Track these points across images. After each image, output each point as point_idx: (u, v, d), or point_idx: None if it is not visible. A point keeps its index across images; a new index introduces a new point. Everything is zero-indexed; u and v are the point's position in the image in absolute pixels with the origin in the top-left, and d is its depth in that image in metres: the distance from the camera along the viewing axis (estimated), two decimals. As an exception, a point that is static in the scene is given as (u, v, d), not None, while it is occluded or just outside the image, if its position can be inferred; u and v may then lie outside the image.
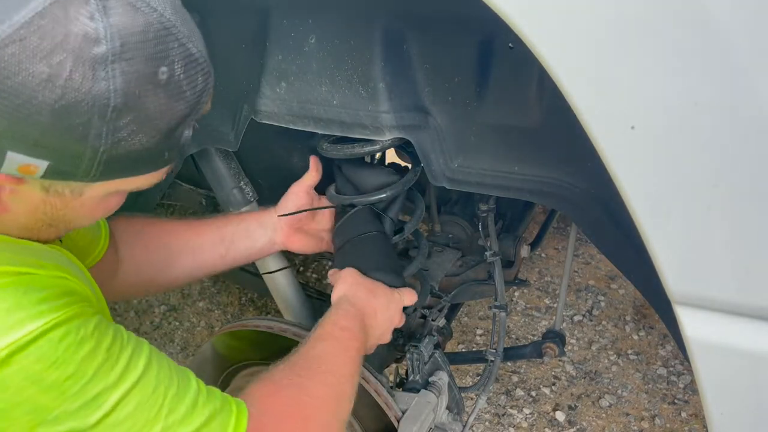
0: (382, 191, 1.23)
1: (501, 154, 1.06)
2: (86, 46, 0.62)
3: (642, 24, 0.69)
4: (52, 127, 0.63)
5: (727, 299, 0.78)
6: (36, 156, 0.65)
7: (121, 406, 0.69)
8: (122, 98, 0.65)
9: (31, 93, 0.61)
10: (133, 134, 0.68)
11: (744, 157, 0.71)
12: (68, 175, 0.69)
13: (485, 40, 0.99)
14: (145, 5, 0.66)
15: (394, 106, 1.05)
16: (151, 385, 0.72)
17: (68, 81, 0.62)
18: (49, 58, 0.61)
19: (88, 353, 0.68)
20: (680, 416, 2.06)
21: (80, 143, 0.65)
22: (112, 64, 0.64)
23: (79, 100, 0.63)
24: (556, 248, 2.72)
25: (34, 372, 0.64)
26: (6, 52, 0.60)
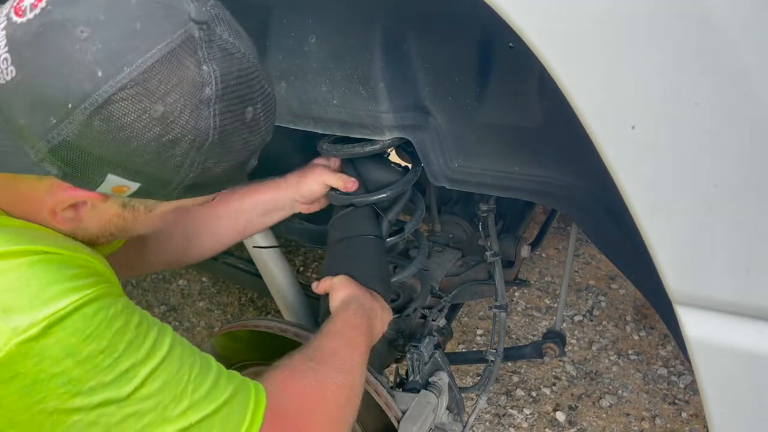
0: (383, 191, 1.23)
1: (501, 153, 1.06)
2: (196, 89, 0.70)
3: (642, 24, 0.69)
4: (154, 157, 0.71)
5: (728, 299, 0.78)
6: (132, 179, 0.73)
7: (150, 381, 0.72)
8: (218, 135, 0.73)
9: (144, 128, 0.69)
10: (216, 164, 0.76)
11: (744, 157, 0.71)
12: (152, 195, 0.77)
13: (485, 39, 0.99)
14: (239, 52, 0.74)
15: (394, 105, 1.05)
16: (176, 363, 0.75)
17: (178, 119, 0.70)
18: (164, 99, 0.69)
19: (119, 329, 0.72)
20: (681, 416, 2.06)
21: (174, 171, 0.74)
22: (214, 105, 0.72)
23: (183, 135, 0.71)
24: (557, 248, 2.72)
25: (70, 344, 0.68)
26: (129, 92, 0.67)
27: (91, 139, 0.68)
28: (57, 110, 0.67)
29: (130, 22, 0.68)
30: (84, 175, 0.71)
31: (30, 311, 0.66)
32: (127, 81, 0.67)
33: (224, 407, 0.77)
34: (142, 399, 0.72)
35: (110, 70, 0.66)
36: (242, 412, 0.78)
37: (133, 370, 0.71)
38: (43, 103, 0.67)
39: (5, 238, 0.71)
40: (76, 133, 0.68)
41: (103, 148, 0.69)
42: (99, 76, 0.66)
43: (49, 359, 0.67)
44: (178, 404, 0.74)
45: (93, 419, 0.69)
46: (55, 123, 0.67)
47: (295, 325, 1.25)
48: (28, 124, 0.68)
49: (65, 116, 0.67)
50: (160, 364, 0.74)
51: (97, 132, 0.68)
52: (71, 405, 0.68)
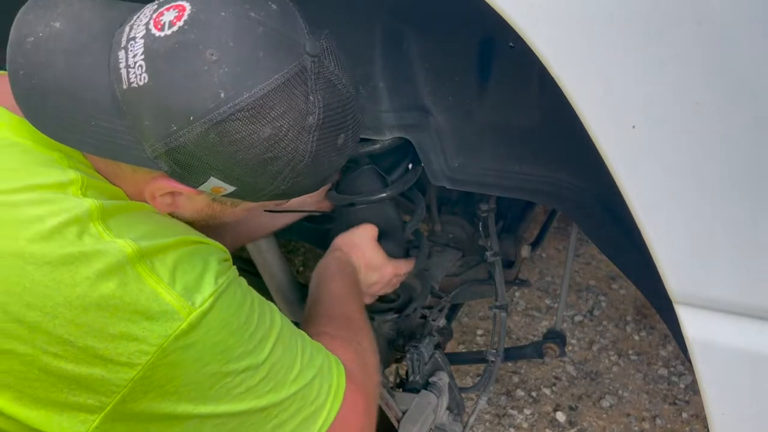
0: (383, 191, 1.23)
1: (501, 153, 1.06)
2: (301, 117, 0.78)
3: (643, 23, 0.69)
4: (254, 170, 0.79)
5: (729, 299, 0.78)
6: (230, 183, 0.81)
7: (276, 349, 0.83)
8: (312, 158, 0.81)
9: (251, 145, 0.77)
10: (304, 179, 0.84)
11: (745, 157, 0.70)
12: (242, 198, 0.86)
13: (486, 39, 0.99)
14: (341, 83, 0.82)
15: (394, 105, 1.05)
16: (288, 334, 0.87)
17: (281, 141, 0.78)
18: (273, 123, 0.76)
19: (250, 305, 0.83)
20: (681, 417, 2.06)
21: (268, 183, 0.82)
22: (314, 132, 0.80)
23: (283, 155, 0.79)
24: (557, 248, 2.72)
25: (225, 317, 0.78)
26: (244, 114, 0.75)
27: (204, 148, 0.76)
28: (179, 119, 0.74)
29: (255, 51, 0.75)
30: (190, 175, 0.79)
31: (201, 289, 0.77)
32: (245, 105, 0.74)
33: (320, 373, 0.87)
34: (272, 365, 0.82)
35: (231, 93, 0.74)
36: (330, 378, 0.88)
37: (264, 340, 0.82)
38: (168, 111, 0.74)
39: (169, 228, 0.82)
40: (192, 141, 0.75)
41: (213, 156, 0.77)
42: (221, 97, 0.74)
43: (213, 330, 0.77)
44: (293, 369, 0.84)
45: (239, 382, 0.79)
46: (175, 130, 0.75)
47: (295, 325, 1.25)
48: (151, 126, 0.75)
49: (185, 125, 0.74)
50: (279, 334, 0.84)
51: (211, 143, 0.76)
52: (226, 369, 0.78)
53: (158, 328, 0.73)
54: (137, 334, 0.72)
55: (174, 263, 0.77)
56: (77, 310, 0.71)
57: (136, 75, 0.75)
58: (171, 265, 0.76)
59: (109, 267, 0.72)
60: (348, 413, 0.89)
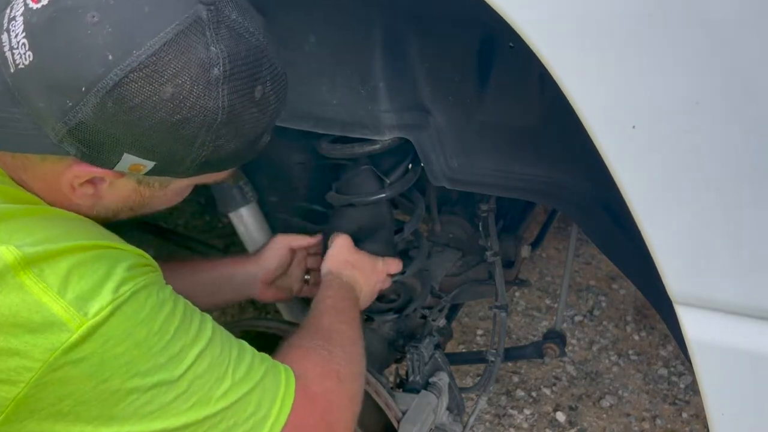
0: (382, 191, 1.23)
1: (501, 153, 1.06)
2: (203, 70, 0.72)
3: (643, 23, 0.69)
4: (166, 137, 0.74)
5: (728, 299, 0.78)
6: (146, 158, 0.76)
7: (198, 363, 0.76)
8: (227, 114, 0.75)
9: (154, 108, 0.71)
10: (227, 142, 0.78)
11: (745, 157, 0.70)
12: (167, 173, 0.80)
13: (486, 39, 0.99)
14: (247, 32, 0.76)
15: (394, 105, 1.05)
16: (218, 346, 0.80)
17: (186, 100, 0.72)
18: (173, 81, 0.71)
19: (168, 314, 0.76)
20: (681, 417, 2.05)
21: (186, 150, 0.76)
22: (222, 85, 0.74)
23: (193, 115, 0.73)
24: (557, 248, 2.72)
25: (129, 326, 0.72)
26: (138, 74, 0.69)
27: (105, 120, 0.71)
28: (72, 93, 0.70)
29: (139, 6, 0.70)
30: (101, 154, 0.74)
31: (98, 298, 0.70)
32: (137, 64, 0.69)
33: (259, 386, 0.81)
34: (191, 380, 0.75)
35: (120, 54, 0.69)
36: (275, 389, 0.82)
37: (183, 353, 0.75)
38: (58, 87, 0.70)
39: (71, 233, 0.75)
40: (91, 114, 0.70)
41: (118, 128, 0.72)
42: (110, 59, 0.69)
43: (113, 340, 0.70)
44: (221, 384, 0.78)
45: (149, 398, 0.73)
46: (71, 105, 0.70)
47: (294, 325, 1.25)
48: (46, 107, 0.71)
49: (80, 99, 0.70)
50: (206, 347, 0.78)
51: (111, 113, 0.71)
52: (130, 384, 0.72)
53: (42, 341, 0.67)
54: (18, 349, 0.66)
55: (68, 270, 0.70)
56: None
57: (20, 55, 0.70)
58: (64, 272, 0.69)
59: None
60: (299, 421, 0.83)
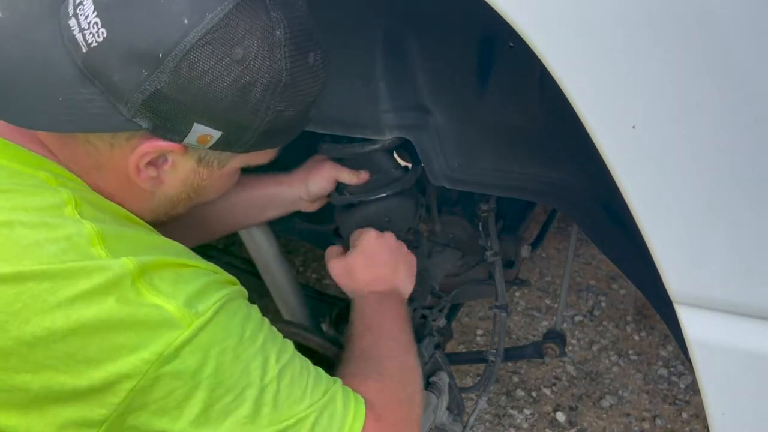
0: (383, 190, 1.23)
1: (502, 153, 1.06)
2: (268, 33, 0.77)
3: (643, 23, 0.69)
4: (235, 101, 0.77)
5: (728, 299, 0.78)
6: (215, 126, 0.79)
7: (282, 377, 0.80)
8: (290, 77, 0.79)
9: (225, 71, 0.75)
10: (286, 109, 0.82)
11: (745, 157, 0.70)
12: (229, 145, 0.83)
13: (486, 39, 0.99)
14: (297, 4, 0.81)
15: (394, 105, 1.05)
16: (298, 364, 0.83)
17: (255, 61, 0.76)
18: (242, 42, 0.75)
19: (256, 326, 0.81)
20: (681, 417, 2.05)
21: (251, 116, 0.79)
22: (284, 48, 0.78)
23: (260, 77, 0.77)
24: (557, 248, 2.72)
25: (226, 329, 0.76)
26: (212, 36, 0.74)
27: (179, 86, 0.75)
28: (149, 61, 0.73)
29: None
30: (173, 125, 0.77)
31: (204, 300, 0.76)
32: (211, 26, 0.73)
33: (330, 407, 0.83)
34: (275, 393, 0.79)
35: (195, 18, 0.73)
36: (344, 412, 0.84)
37: (268, 363, 0.79)
38: (135, 57, 0.73)
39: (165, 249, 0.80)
40: (167, 81, 0.74)
41: (191, 94, 0.75)
42: (185, 23, 0.73)
43: (215, 341, 0.75)
44: (301, 402, 0.80)
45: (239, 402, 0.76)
46: (147, 75, 0.73)
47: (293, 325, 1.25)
48: (122, 80, 0.74)
49: (156, 66, 0.73)
50: (287, 364, 0.81)
51: (185, 78, 0.74)
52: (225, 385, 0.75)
53: (159, 337, 0.72)
54: (137, 344, 0.71)
55: (174, 278, 0.76)
56: (76, 323, 0.70)
57: (92, 34, 0.74)
58: (171, 280, 0.75)
59: (109, 282, 0.71)
60: None
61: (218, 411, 0.75)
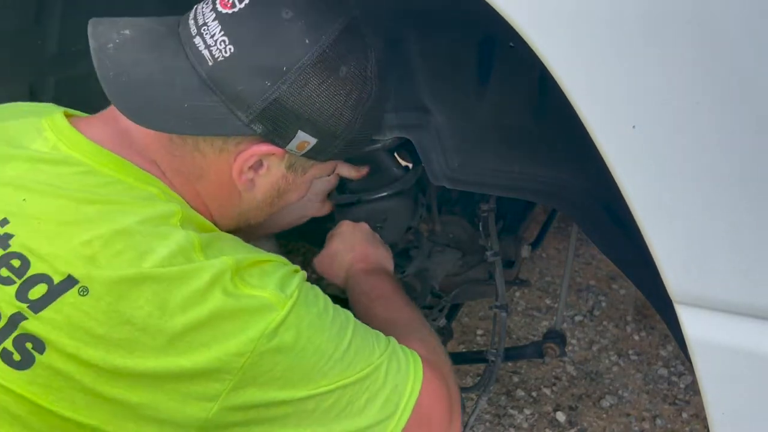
0: (383, 190, 1.24)
1: (502, 153, 1.06)
2: (364, 54, 0.90)
3: (643, 23, 0.69)
4: (334, 113, 0.88)
5: (729, 299, 0.78)
6: (314, 135, 0.89)
7: (355, 335, 0.88)
8: (376, 94, 0.92)
9: (330, 86, 0.86)
10: (366, 123, 0.94)
11: (745, 156, 0.70)
12: (318, 153, 0.92)
13: (486, 38, 0.99)
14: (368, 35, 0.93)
15: (394, 105, 1.05)
16: (360, 324, 0.91)
17: (353, 78, 0.88)
18: (345, 62, 0.87)
19: (325, 299, 0.90)
20: (681, 417, 2.06)
21: (345, 127, 0.90)
22: (373, 68, 0.91)
23: (356, 93, 0.89)
24: (557, 248, 2.72)
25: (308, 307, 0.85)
26: (329, 53, 0.85)
27: (296, 95, 0.85)
28: (273, 74, 0.84)
29: (318, 2, 0.86)
30: (283, 130, 0.87)
31: (289, 284, 0.84)
32: (326, 46, 0.85)
33: (394, 356, 0.90)
34: (357, 348, 0.87)
35: (314, 37, 0.85)
36: (405, 359, 0.91)
37: (344, 328, 0.88)
38: (260, 70, 0.84)
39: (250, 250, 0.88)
40: (285, 91, 0.84)
41: (302, 104, 0.85)
42: (306, 42, 0.84)
43: (304, 317, 0.83)
44: (374, 350, 0.89)
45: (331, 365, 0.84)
46: (269, 85, 0.84)
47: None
48: (246, 90, 0.84)
49: (279, 78, 0.84)
50: (355, 324, 0.90)
51: (300, 90, 0.85)
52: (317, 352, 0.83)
53: (259, 319, 0.80)
54: (242, 327, 0.79)
55: (260, 273, 0.84)
56: (193, 320, 0.78)
57: (219, 50, 0.84)
58: (258, 275, 0.84)
59: (214, 277, 0.79)
60: (429, 388, 0.92)
61: (316, 372, 0.83)
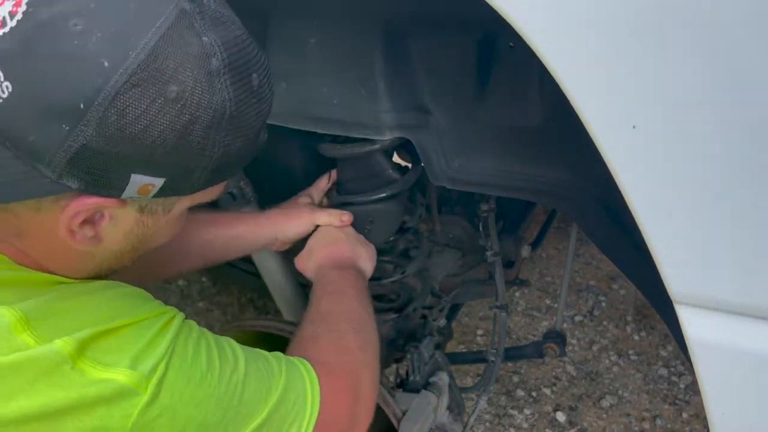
0: (381, 191, 1.24)
1: (502, 153, 1.06)
2: (202, 62, 0.67)
3: (643, 23, 0.69)
4: (177, 144, 0.67)
5: (729, 299, 0.78)
6: (156, 174, 0.69)
7: (248, 381, 0.79)
8: (234, 107, 0.70)
9: (160, 112, 0.65)
10: (235, 140, 0.72)
11: (745, 156, 0.70)
12: (176, 191, 0.73)
13: (486, 39, 0.99)
14: (229, 20, 0.71)
15: (394, 105, 1.05)
16: (253, 361, 0.82)
17: (192, 96, 0.66)
18: (175, 77, 0.65)
19: (207, 349, 0.78)
20: (681, 417, 2.05)
21: (197, 157, 0.70)
22: (223, 75, 0.69)
23: (201, 113, 0.68)
24: (557, 248, 2.72)
25: (185, 373, 0.74)
26: (140, 76, 0.64)
27: (109, 137, 0.64)
28: (69, 115, 0.63)
29: (124, 5, 0.64)
30: (107, 180, 0.67)
31: (151, 357, 0.71)
32: (136, 65, 0.63)
33: (290, 382, 0.84)
34: (249, 397, 0.79)
35: (116, 58, 0.63)
36: (301, 380, 0.85)
37: (234, 377, 0.78)
38: (51, 111, 0.63)
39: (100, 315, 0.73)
40: (94, 135, 0.63)
41: (124, 144, 0.65)
42: (106, 66, 0.62)
43: (179, 390, 0.72)
44: (270, 390, 0.81)
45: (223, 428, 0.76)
46: (69, 129, 0.63)
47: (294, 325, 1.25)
48: (38, 140, 0.63)
49: (79, 119, 0.63)
50: (246, 365, 0.80)
51: (115, 128, 0.64)
52: (205, 423, 0.74)
53: (118, 410, 0.68)
54: (96, 425, 0.67)
55: (117, 345, 0.71)
56: (22, 423, 0.65)
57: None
58: (114, 348, 0.70)
59: (47, 372, 0.66)
60: (330, 398, 0.87)
61: None
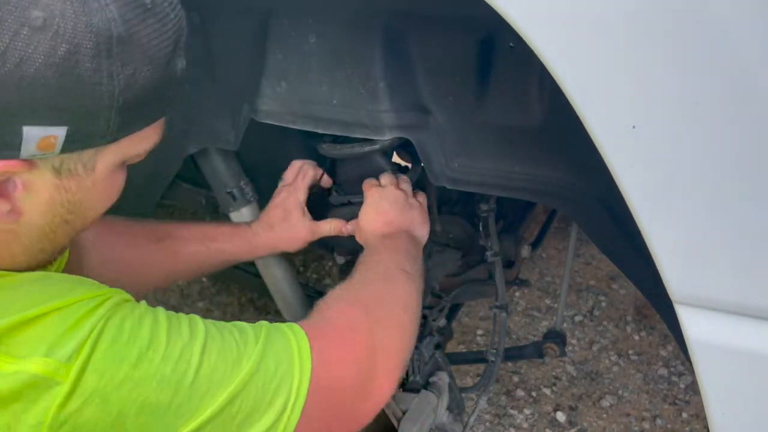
0: None
1: (502, 153, 1.06)
2: None
3: (643, 23, 0.69)
4: (63, 81, 0.59)
5: (729, 299, 0.78)
6: (52, 123, 0.61)
7: (206, 357, 0.70)
8: (122, 26, 0.61)
9: (26, 48, 0.56)
10: (138, 70, 0.64)
11: (745, 156, 0.70)
12: (87, 139, 0.65)
13: (486, 39, 0.99)
14: None
15: (394, 105, 1.05)
16: (218, 334, 0.73)
17: (63, 21, 0.58)
18: (35, 2, 0.57)
19: (152, 325, 0.69)
20: (681, 417, 2.05)
21: (95, 92, 0.61)
22: None
23: (80, 40, 0.58)
24: (557, 248, 2.72)
25: (116, 352, 0.65)
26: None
27: None
28: None
29: None
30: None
31: (72, 340, 0.64)
32: None
33: (270, 347, 0.75)
34: (209, 375, 0.69)
35: None
36: (287, 346, 0.77)
37: (186, 354, 0.69)
38: None
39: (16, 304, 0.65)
40: None
41: (1, 93, 0.57)
42: None
43: (108, 372, 0.64)
44: (240, 366, 0.72)
45: (174, 411, 0.67)
46: None
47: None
48: None
49: None
50: (206, 340, 0.71)
51: None
52: (149, 407, 0.66)
53: (33, 405, 0.61)
54: (10, 422, 0.61)
55: (35, 334, 0.63)
56: None
57: None
58: (33, 338, 0.63)
59: None
60: (324, 356, 0.79)
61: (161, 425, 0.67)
